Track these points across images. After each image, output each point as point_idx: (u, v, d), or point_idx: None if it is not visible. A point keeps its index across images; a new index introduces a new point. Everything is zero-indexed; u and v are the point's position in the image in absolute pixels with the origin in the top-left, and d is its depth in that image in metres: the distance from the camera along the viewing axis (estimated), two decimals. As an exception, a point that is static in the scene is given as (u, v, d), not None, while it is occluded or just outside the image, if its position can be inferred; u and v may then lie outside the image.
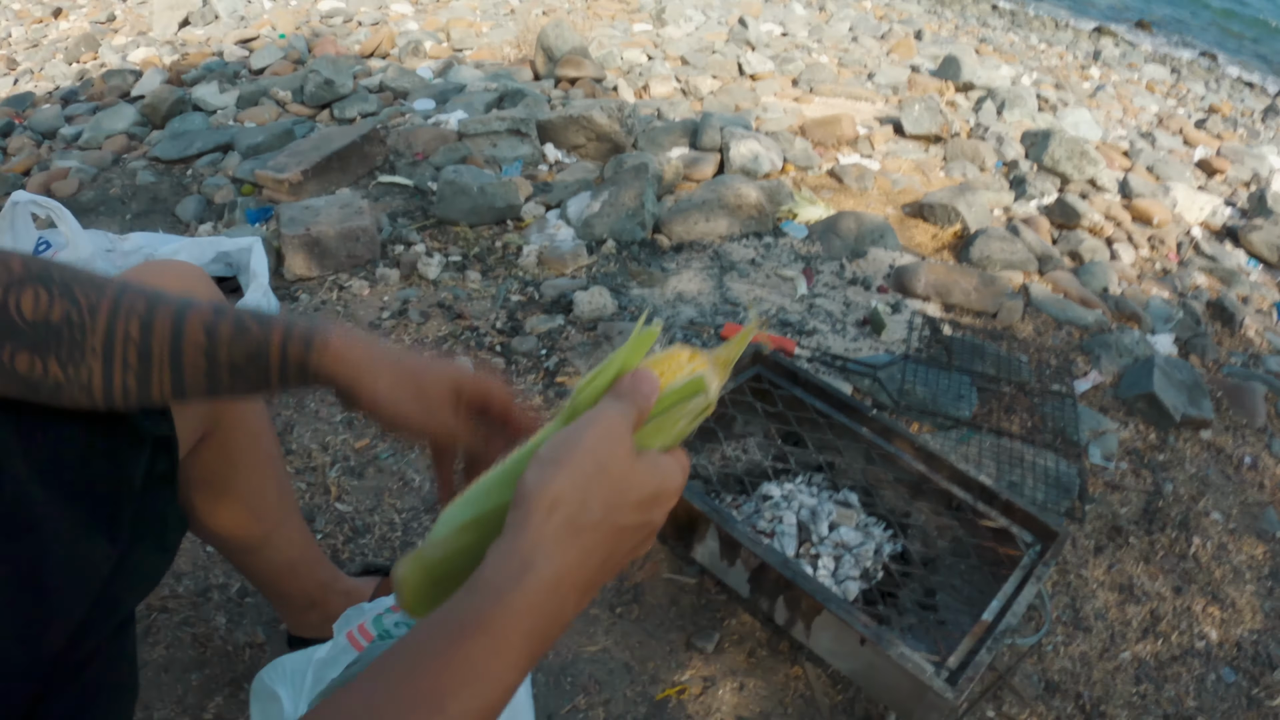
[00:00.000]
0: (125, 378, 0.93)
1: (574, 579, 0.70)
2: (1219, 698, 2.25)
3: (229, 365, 0.94)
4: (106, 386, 0.93)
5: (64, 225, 2.40)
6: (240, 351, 0.94)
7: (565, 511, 0.70)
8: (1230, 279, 4.49)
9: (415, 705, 0.64)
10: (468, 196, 3.72)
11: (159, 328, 0.93)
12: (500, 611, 0.66)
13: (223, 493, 1.46)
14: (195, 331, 0.94)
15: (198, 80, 5.62)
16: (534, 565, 0.68)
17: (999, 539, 2.05)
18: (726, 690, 2.00)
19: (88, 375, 0.92)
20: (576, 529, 0.70)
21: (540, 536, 0.69)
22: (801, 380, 2.36)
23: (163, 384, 0.95)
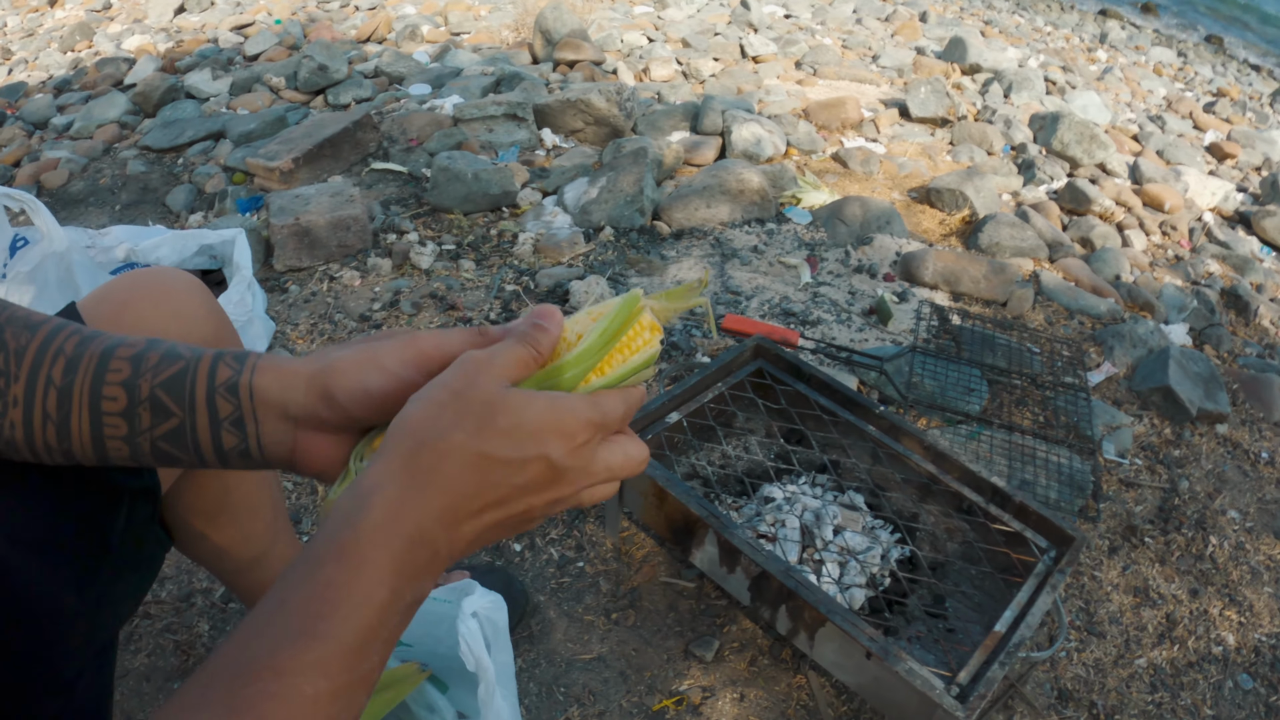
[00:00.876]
0: (45, 431, 0.81)
1: (432, 502, 0.67)
2: (1236, 705, 2.18)
3: (149, 401, 0.80)
4: (29, 441, 0.82)
5: (39, 220, 2.32)
6: (164, 379, 0.80)
7: (416, 437, 0.68)
8: (1244, 266, 4.40)
9: (287, 637, 0.62)
10: (462, 183, 3.63)
11: (84, 365, 0.81)
12: (351, 535, 0.64)
13: (216, 515, 1.37)
14: (120, 361, 0.81)
15: (191, 67, 5.55)
16: (380, 488, 0.66)
17: (1012, 544, 1.97)
18: (726, 701, 1.93)
19: (10, 430, 0.81)
20: (423, 451, 0.67)
21: (388, 463, 0.67)
22: (805, 375, 2.28)
23: (82, 437, 0.81)
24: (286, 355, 0.80)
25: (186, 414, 0.80)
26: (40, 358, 0.81)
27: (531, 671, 1.95)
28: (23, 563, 0.88)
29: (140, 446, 0.81)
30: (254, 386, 0.79)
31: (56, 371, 0.81)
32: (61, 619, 0.93)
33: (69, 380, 0.80)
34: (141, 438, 0.81)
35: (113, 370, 0.80)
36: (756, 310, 3.22)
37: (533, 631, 2.03)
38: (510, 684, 1.58)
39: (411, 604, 0.68)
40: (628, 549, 2.24)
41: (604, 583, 2.16)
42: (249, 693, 0.59)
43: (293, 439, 0.81)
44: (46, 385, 0.80)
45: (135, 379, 0.80)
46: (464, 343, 0.78)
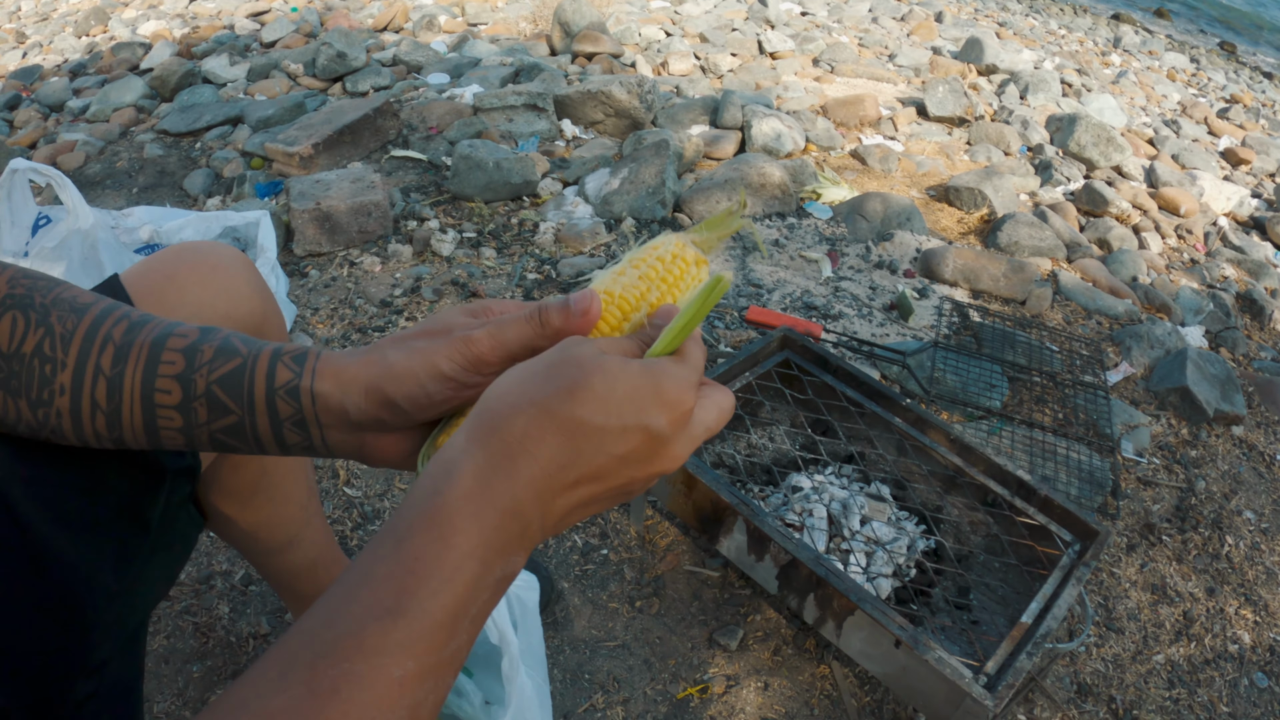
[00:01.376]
0: (94, 420, 0.80)
1: (524, 470, 0.62)
2: (1252, 703, 2.18)
3: (206, 397, 0.78)
4: (77, 430, 0.80)
5: (65, 195, 2.31)
6: (220, 375, 0.78)
7: (506, 401, 0.64)
8: (1259, 271, 4.39)
9: (373, 614, 0.58)
10: (483, 172, 3.63)
11: (135, 357, 0.79)
12: (439, 504, 0.61)
13: (251, 497, 1.37)
14: (172, 354, 0.79)
15: (208, 53, 5.54)
16: (469, 455, 0.62)
17: (1036, 536, 1.97)
18: (750, 690, 1.93)
19: (56, 419, 0.80)
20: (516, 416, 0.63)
21: (477, 429, 0.64)
22: (832, 367, 2.28)
23: (134, 427, 0.80)
24: (341, 354, 0.77)
25: (246, 413, 0.78)
26: (88, 345, 0.79)
27: (556, 658, 1.95)
28: (64, 542, 0.87)
29: (198, 437, 0.80)
30: (315, 392, 0.77)
31: (105, 360, 0.79)
32: (99, 599, 0.91)
33: (119, 371, 0.79)
34: (199, 430, 0.79)
35: (165, 363, 0.79)
36: (778, 303, 3.23)
37: (557, 618, 2.04)
38: (540, 665, 1.59)
39: (501, 579, 0.63)
40: (651, 537, 2.25)
41: (628, 570, 2.16)
42: (334, 674, 0.56)
43: (359, 439, 0.79)
44: (95, 375, 0.79)
45: (190, 373, 0.78)
46: (521, 338, 0.74)
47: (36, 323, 0.79)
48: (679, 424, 0.67)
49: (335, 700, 0.55)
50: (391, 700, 0.56)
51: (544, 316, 0.73)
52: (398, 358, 0.75)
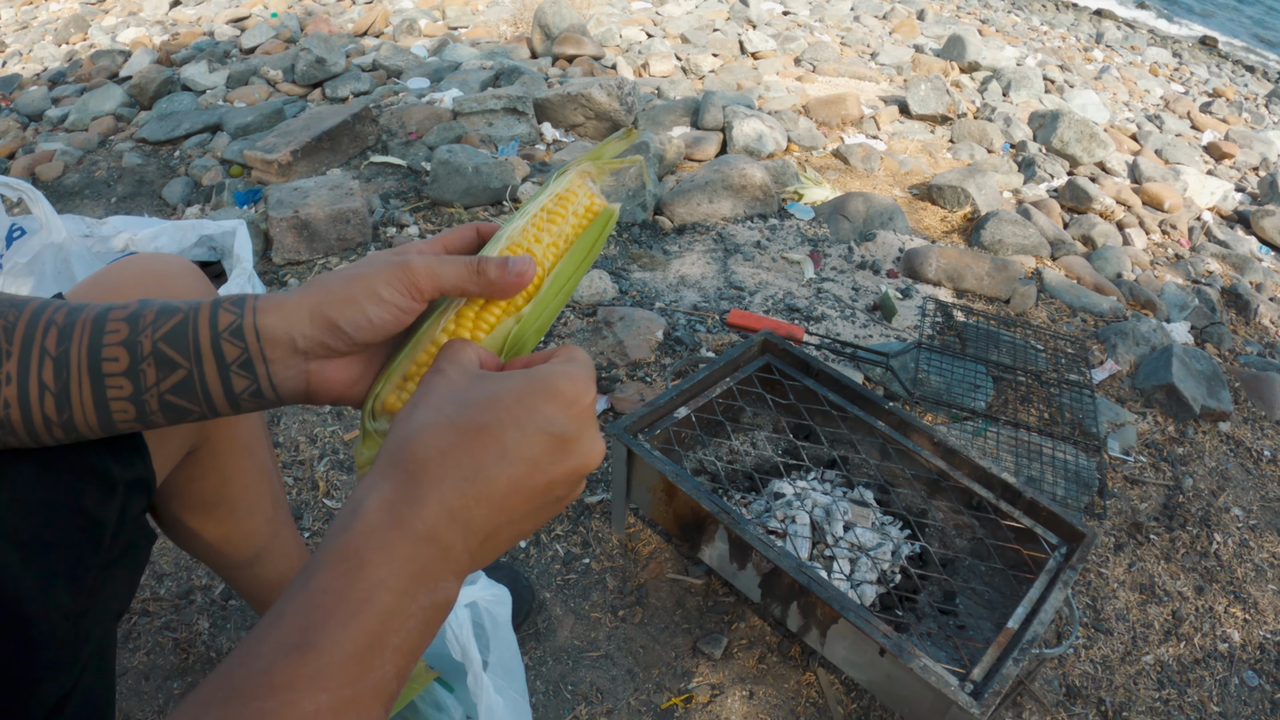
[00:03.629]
0: (43, 404, 0.79)
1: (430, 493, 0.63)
2: (1242, 702, 2.17)
3: (154, 356, 0.78)
4: (26, 418, 0.79)
5: (37, 209, 2.29)
6: (164, 332, 0.78)
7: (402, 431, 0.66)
8: (1243, 265, 4.40)
9: (282, 650, 0.57)
10: (462, 177, 3.61)
11: (79, 331, 0.79)
12: (345, 540, 0.61)
13: (214, 509, 1.34)
14: (116, 323, 0.79)
15: (187, 60, 5.52)
16: (376, 488, 0.64)
17: (1022, 540, 1.95)
18: (735, 699, 1.91)
19: (4, 410, 0.79)
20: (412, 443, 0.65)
21: (381, 465, 0.65)
22: (813, 370, 2.26)
23: (84, 404, 0.79)
24: (278, 292, 0.79)
25: (194, 364, 0.78)
26: (31, 331, 0.79)
27: (538, 669, 1.93)
28: (14, 561, 0.86)
29: (147, 404, 0.80)
30: (259, 327, 0.77)
31: (50, 342, 0.78)
32: (54, 618, 0.90)
33: (64, 349, 0.78)
34: (148, 394, 0.79)
35: (110, 332, 0.78)
36: (760, 306, 3.21)
37: (539, 629, 2.02)
38: (517, 677, 1.57)
39: (430, 608, 0.63)
40: (634, 545, 2.23)
41: (610, 579, 2.14)
42: (245, 712, 0.55)
43: (304, 371, 0.79)
44: (41, 356, 0.78)
45: (135, 336, 0.78)
46: (456, 278, 0.78)
47: None
48: (582, 419, 0.68)
49: None
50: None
51: (481, 266, 0.78)
52: (337, 284, 0.77)
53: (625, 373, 2.77)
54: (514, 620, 1.98)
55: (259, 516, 1.42)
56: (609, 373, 2.77)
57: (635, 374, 2.78)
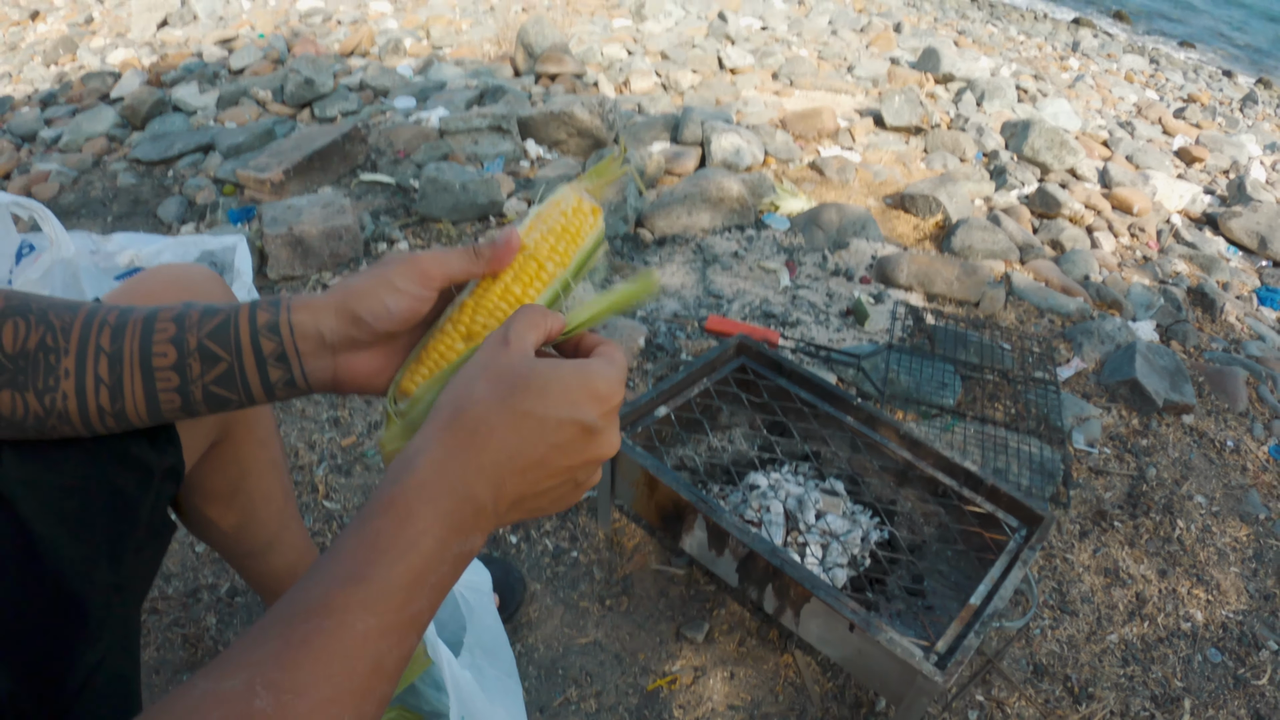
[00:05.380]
0: (98, 396, 0.88)
1: (473, 459, 0.74)
2: (1206, 678, 2.26)
3: (199, 351, 0.87)
4: (81, 409, 0.88)
5: (47, 227, 2.37)
6: (209, 330, 0.88)
7: (455, 404, 0.76)
8: (1210, 266, 4.50)
9: (338, 580, 0.68)
10: (450, 194, 3.71)
11: (130, 330, 0.88)
12: (398, 490, 0.71)
13: (232, 499, 1.44)
14: (164, 323, 0.88)
15: (177, 81, 5.60)
16: (425, 449, 0.74)
17: (985, 525, 2.06)
18: (717, 679, 2.01)
19: (63, 401, 0.88)
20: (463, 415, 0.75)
21: (432, 428, 0.75)
22: (786, 371, 2.37)
23: (135, 395, 0.89)
24: (308, 294, 0.89)
25: (234, 358, 0.87)
26: (86, 330, 0.87)
27: (531, 655, 2.03)
28: (62, 539, 0.95)
29: (193, 394, 0.89)
30: (292, 323, 0.87)
31: (104, 339, 0.87)
32: (96, 591, 0.99)
33: (118, 346, 0.87)
34: (194, 385, 0.88)
35: (159, 331, 0.88)
36: (738, 312, 3.31)
37: (531, 618, 2.11)
38: (501, 657, 1.65)
39: (460, 555, 0.73)
40: (619, 539, 2.33)
41: (597, 571, 2.24)
42: (305, 629, 0.66)
43: (332, 362, 0.89)
44: (97, 353, 0.87)
45: (182, 334, 0.87)
46: (460, 264, 0.89)
47: (36, 322, 0.87)
48: (609, 416, 0.78)
49: (306, 649, 0.65)
50: (356, 651, 0.66)
51: (477, 250, 0.89)
52: (357, 281, 0.87)
53: (609, 377, 2.86)
54: (507, 610, 2.08)
55: (272, 506, 1.52)
56: (594, 377, 2.86)
57: (619, 378, 2.87)
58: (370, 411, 2.70)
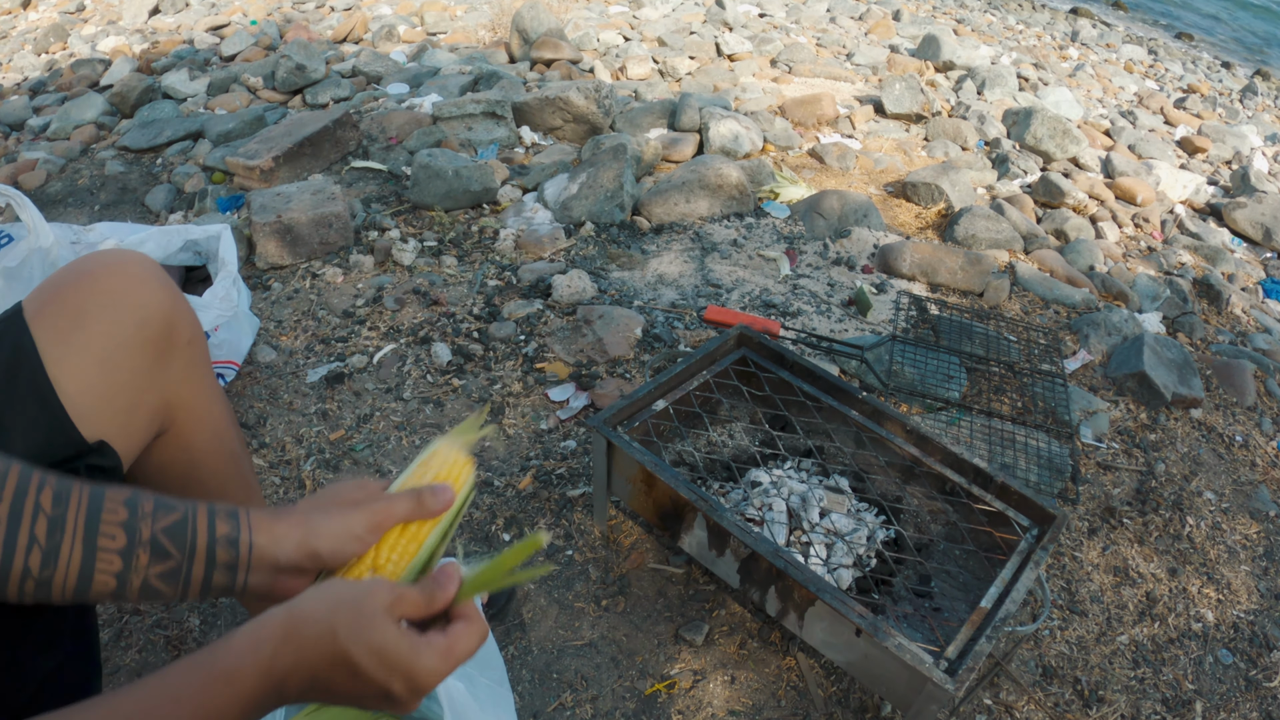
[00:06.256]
0: (28, 556, 0.84)
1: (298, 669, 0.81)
2: (1217, 680, 2.21)
3: (150, 544, 0.87)
4: (4, 563, 0.83)
5: (25, 215, 2.31)
6: (164, 525, 0.88)
7: (309, 618, 0.83)
8: (1215, 257, 4.45)
9: None
10: (443, 180, 3.65)
11: (75, 501, 0.86)
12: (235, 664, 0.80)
13: (184, 492, 1.37)
14: (114, 504, 0.88)
15: (168, 68, 5.54)
16: (261, 649, 0.81)
17: (994, 523, 2.00)
18: (717, 683, 1.95)
19: None
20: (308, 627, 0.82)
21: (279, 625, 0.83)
22: (788, 363, 2.30)
23: (70, 567, 0.85)
24: (266, 512, 0.93)
25: (186, 558, 0.88)
26: (24, 484, 0.85)
27: (524, 658, 1.97)
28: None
29: (130, 583, 0.88)
30: (253, 544, 0.90)
31: (45, 499, 0.85)
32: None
33: (60, 511, 0.85)
34: (135, 574, 0.87)
35: (109, 510, 0.87)
36: (737, 302, 3.25)
37: (524, 619, 2.05)
38: (493, 666, 1.59)
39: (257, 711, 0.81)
40: (616, 537, 2.27)
41: (593, 570, 2.18)
42: None
43: (273, 581, 0.93)
44: (35, 511, 0.84)
45: (135, 522, 0.87)
46: (406, 512, 0.96)
47: None
48: (413, 695, 0.83)
49: None
50: None
51: (421, 498, 0.96)
52: (322, 521, 0.93)
53: (605, 369, 2.81)
54: (496, 604, 2.02)
55: (230, 500, 1.46)
56: (589, 370, 2.81)
57: (615, 370, 2.81)
58: (359, 404, 2.64)
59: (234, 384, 2.68)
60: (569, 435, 2.58)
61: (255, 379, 2.71)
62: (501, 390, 2.72)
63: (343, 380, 2.72)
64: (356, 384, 2.72)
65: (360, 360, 2.79)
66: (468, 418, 1.15)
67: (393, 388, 2.71)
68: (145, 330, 1.17)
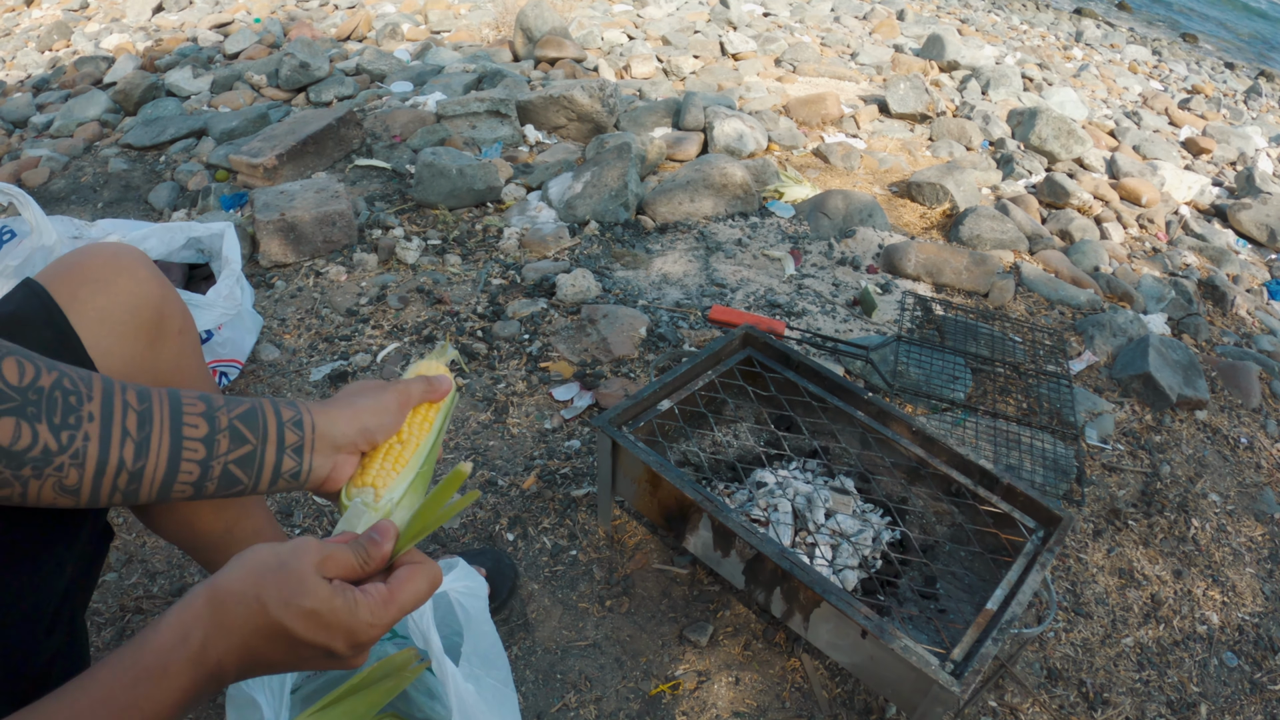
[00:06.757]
0: (123, 448, 0.90)
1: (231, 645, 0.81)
2: (1222, 683, 2.20)
3: (229, 430, 0.95)
4: (102, 457, 0.89)
5: (27, 212, 2.30)
6: (238, 414, 0.96)
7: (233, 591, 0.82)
8: (1220, 258, 4.44)
9: None
10: (446, 179, 3.64)
11: (157, 397, 0.93)
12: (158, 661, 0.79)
13: None
14: (191, 400, 0.95)
15: (171, 66, 5.53)
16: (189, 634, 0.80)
17: (1000, 525, 1.99)
18: (721, 684, 1.94)
19: (83, 442, 0.88)
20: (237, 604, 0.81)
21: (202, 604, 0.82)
22: (794, 363, 2.29)
23: (159, 457, 0.92)
24: (316, 402, 1.03)
25: (260, 442, 0.96)
26: (109, 385, 0.91)
27: (528, 659, 1.96)
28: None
29: (212, 470, 0.95)
30: (315, 425, 0.99)
31: (131, 397, 0.91)
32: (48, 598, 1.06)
33: (146, 405, 0.92)
34: (216, 462, 0.95)
35: (188, 403, 0.94)
36: (742, 302, 3.24)
37: (528, 619, 2.04)
38: (498, 666, 1.59)
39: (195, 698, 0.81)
40: (620, 537, 2.26)
41: (597, 570, 2.17)
42: None
43: (333, 462, 1.01)
44: (124, 407, 0.90)
45: (213, 412, 0.95)
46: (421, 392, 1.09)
47: (46, 366, 0.88)
48: (357, 650, 0.86)
49: None
50: None
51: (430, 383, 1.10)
52: (364, 402, 1.03)
53: (609, 369, 2.81)
54: (499, 596, 2.01)
55: None
56: (593, 369, 2.80)
57: (619, 370, 2.81)
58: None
59: (237, 382, 2.67)
60: (573, 435, 2.57)
61: (258, 377, 2.71)
62: (506, 389, 2.72)
63: (346, 379, 2.71)
64: (360, 383, 2.71)
65: (364, 359, 2.79)
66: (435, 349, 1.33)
67: (396, 386, 2.70)
68: (137, 316, 1.20)
